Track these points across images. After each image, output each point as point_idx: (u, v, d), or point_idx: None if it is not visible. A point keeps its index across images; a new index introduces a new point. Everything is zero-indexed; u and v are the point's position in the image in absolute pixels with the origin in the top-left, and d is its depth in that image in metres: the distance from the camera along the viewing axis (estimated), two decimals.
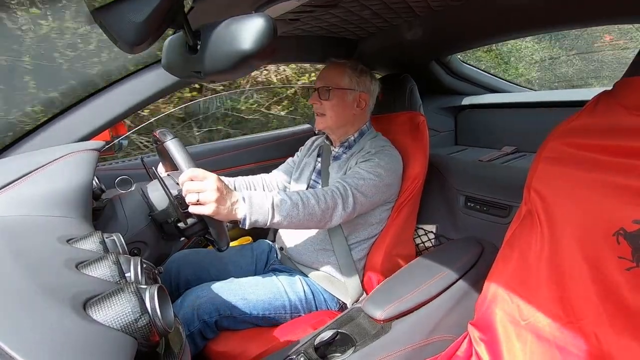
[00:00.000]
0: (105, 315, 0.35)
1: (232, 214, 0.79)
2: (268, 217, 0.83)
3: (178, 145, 0.78)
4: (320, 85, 1.11)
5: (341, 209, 0.93)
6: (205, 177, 0.76)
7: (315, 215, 0.89)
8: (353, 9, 0.96)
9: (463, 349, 0.81)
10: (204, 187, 0.75)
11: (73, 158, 0.74)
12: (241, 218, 0.80)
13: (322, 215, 0.90)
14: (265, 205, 0.83)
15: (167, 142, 0.79)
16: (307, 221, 0.88)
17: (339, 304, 1.10)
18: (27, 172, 0.68)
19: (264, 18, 0.44)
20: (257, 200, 0.82)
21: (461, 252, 1.03)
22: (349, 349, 0.78)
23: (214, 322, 0.92)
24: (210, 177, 0.77)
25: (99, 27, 0.46)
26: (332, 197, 0.92)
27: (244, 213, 0.80)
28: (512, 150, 1.37)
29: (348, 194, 0.94)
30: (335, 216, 0.93)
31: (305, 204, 0.87)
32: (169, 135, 0.80)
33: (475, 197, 1.18)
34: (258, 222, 0.82)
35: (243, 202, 0.81)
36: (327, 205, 0.90)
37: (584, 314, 0.60)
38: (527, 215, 0.72)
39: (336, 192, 0.93)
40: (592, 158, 0.62)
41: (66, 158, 0.74)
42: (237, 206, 0.80)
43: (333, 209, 0.92)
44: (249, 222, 0.81)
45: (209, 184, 0.76)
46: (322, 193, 0.91)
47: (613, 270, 0.57)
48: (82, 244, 0.52)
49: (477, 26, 1.06)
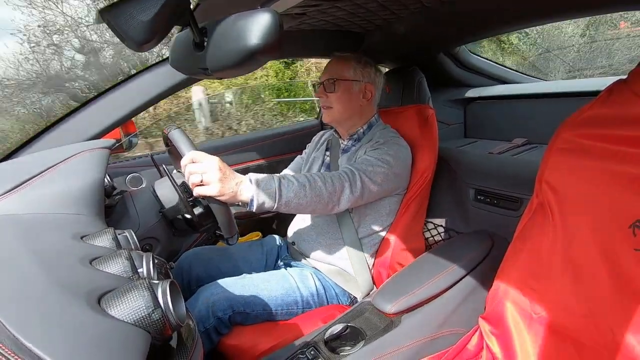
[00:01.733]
0: (120, 310, 0.35)
1: (239, 195, 0.78)
2: (275, 198, 0.81)
3: (179, 133, 0.79)
4: (326, 78, 1.11)
5: (349, 192, 0.92)
6: (206, 158, 0.76)
7: (322, 197, 0.87)
8: (359, 2, 0.94)
9: (474, 343, 0.81)
10: (206, 168, 0.75)
11: (85, 156, 0.76)
12: (248, 199, 0.79)
13: (330, 197, 0.89)
14: (272, 186, 0.81)
15: (169, 133, 0.79)
16: (314, 203, 0.87)
17: (350, 298, 1.10)
18: (41, 171, 0.69)
19: (270, 13, 0.44)
20: (263, 182, 0.81)
21: (471, 246, 1.02)
22: (359, 343, 0.79)
23: (228, 318, 0.93)
24: (212, 157, 0.77)
25: (107, 25, 0.46)
26: (340, 179, 0.91)
27: (250, 194, 0.79)
28: (523, 142, 1.35)
29: (356, 178, 0.94)
30: (343, 199, 0.92)
31: (313, 185, 0.86)
32: (172, 127, 0.80)
33: (485, 190, 1.17)
34: (265, 204, 0.81)
35: (250, 184, 0.80)
36: (335, 188, 0.89)
37: (598, 308, 0.59)
38: (539, 208, 0.71)
39: (344, 175, 0.93)
40: (606, 149, 0.61)
41: (78, 156, 0.75)
42: (243, 186, 0.79)
43: (341, 192, 0.91)
44: (257, 203, 0.80)
45: (210, 164, 0.76)
46: (329, 176, 0.90)
47: (629, 262, 0.56)
48: (96, 241, 0.53)
49: (486, 15, 1.04)
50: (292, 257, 1.21)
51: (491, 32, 1.32)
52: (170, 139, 0.80)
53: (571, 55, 4.39)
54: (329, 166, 1.19)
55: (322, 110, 1.15)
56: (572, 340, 0.63)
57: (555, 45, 5.46)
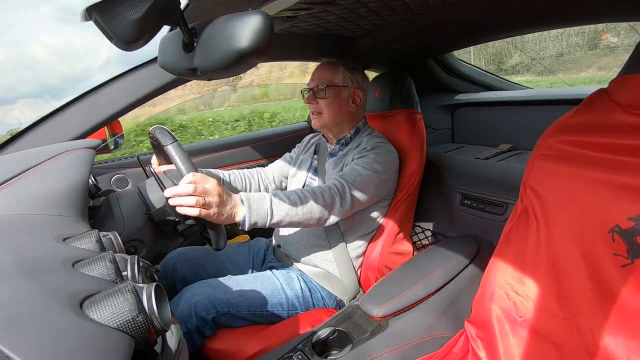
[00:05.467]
0: (103, 314, 0.34)
1: (232, 217, 0.80)
2: (267, 218, 0.84)
3: (178, 150, 0.78)
4: (315, 84, 1.11)
5: (339, 206, 0.93)
6: (206, 182, 0.77)
7: (313, 213, 0.89)
8: (350, 7, 0.95)
9: (459, 346, 0.82)
10: (205, 192, 0.76)
11: (69, 156, 0.74)
12: (240, 220, 0.81)
13: (321, 213, 0.91)
14: (264, 206, 0.84)
15: (167, 146, 0.78)
16: (306, 220, 0.89)
17: (336, 301, 1.10)
18: (23, 171, 0.68)
19: (261, 15, 0.44)
20: (255, 202, 0.83)
21: (458, 250, 1.03)
22: (347, 347, 0.79)
23: (212, 319, 0.92)
24: (211, 182, 0.78)
25: (94, 23, 0.45)
26: (330, 194, 0.92)
27: (242, 215, 0.81)
28: (509, 147, 1.38)
29: (345, 191, 0.95)
30: (334, 213, 0.93)
31: (304, 203, 0.88)
32: (168, 139, 0.79)
33: (471, 194, 1.19)
34: (257, 223, 0.84)
35: (242, 205, 0.82)
36: (325, 203, 0.91)
37: (579, 310, 0.61)
38: (523, 213, 0.72)
39: (334, 189, 0.94)
40: (588, 155, 0.63)
41: (62, 156, 0.73)
42: (236, 209, 0.81)
43: (331, 207, 0.92)
44: (249, 223, 0.82)
45: (209, 189, 0.77)
46: (319, 191, 0.92)
47: (608, 267, 0.58)
48: (79, 243, 0.51)
49: (474, 23, 1.06)
50: (279, 260, 1.21)
51: (479, 39, 1.35)
52: (168, 154, 0.78)
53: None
54: (316, 170, 1.19)
55: (312, 116, 1.15)
56: (554, 343, 0.64)
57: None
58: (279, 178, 1.30)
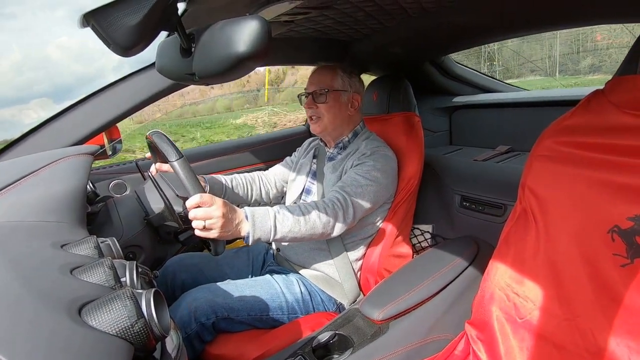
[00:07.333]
0: (101, 321, 0.34)
1: (237, 233, 0.81)
2: (271, 234, 0.85)
3: (185, 167, 0.77)
4: (314, 89, 1.11)
5: (342, 221, 0.94)
6: (212, 204, 0.77)
7: (316, 229, 0.90)
8: (347, 11, 0.96)
9: (460, 348, 0.81)
10: (211, 214, 0.77)
11: (67, 162, 0.74)
12: (244, 236, 0.83)
13: (324, 228, 0.92)
14: (268, 222, 0.84)
15: (173, 162, 0.77)
16: (309, 235, 0.90)
17: (336, 304, 1.10)
18: (21, 177, 0.67)
19: (259, 20, 0.44)
20: (259, 218, 0.84)
21: (457, 252, 1.03)
22: (347, 351, 0.78)
23: (212, 324, 0.92)
24: (217, 203, 0.78)
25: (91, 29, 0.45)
26: (333, 209, 0.93)
27: (247, 231, 0.82)
28: (507, 149, 1.38)
29: (348, 204, 0.96)
30: (336, 228, 0.94)
31: (307, 219, 0.89)
32: (174, 155, 0.77)
33: (470, 196, 1.19)
34: (261, 239, 0.84)
35: (246, 221, 0.83)
36: (328, 219, 0.92)
37: (580, 311, 0.61)
38: (522, 214, 0.72)
39: (337, 203, 0.94)
40: (585, 156, 0.63)
41: (60, 162, 0.73)
42: (241, 226, 0.82)
43: (334, 221, 0.93)
44: (252, 239, 0.83)
45: (215, 211, 0.77)
46: (323, 206, 0.92)
47: (608, 267, 0.58)
48: (77, 249, 0.51)
49: (470, 27, 1.07)
50: (278, 264, 1.20)
51: (475, 42, 1.36)
52: (174, 170, 0.77)
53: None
54: (315, 174, 1.20)
55: (310, 121, 1.14)
56: (555, 344, 0.64)
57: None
58: (280, 183, 1.30)
